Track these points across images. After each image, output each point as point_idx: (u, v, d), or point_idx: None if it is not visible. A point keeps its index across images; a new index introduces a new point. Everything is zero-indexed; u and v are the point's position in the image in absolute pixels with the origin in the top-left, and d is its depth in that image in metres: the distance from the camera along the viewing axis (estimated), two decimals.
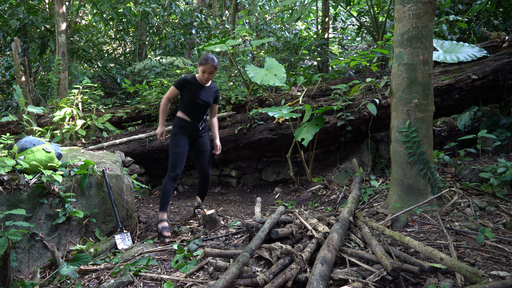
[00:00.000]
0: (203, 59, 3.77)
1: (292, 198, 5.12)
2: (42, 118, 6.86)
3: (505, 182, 3.75)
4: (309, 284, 2.12)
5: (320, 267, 2.26)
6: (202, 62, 3.78)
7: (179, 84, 3.93)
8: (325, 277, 2.20)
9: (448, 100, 5.05)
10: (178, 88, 3.93)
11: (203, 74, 3.82)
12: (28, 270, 3.26)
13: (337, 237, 2.68)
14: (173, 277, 2.81)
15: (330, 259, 2.39)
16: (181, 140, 3.93)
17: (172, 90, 3.94)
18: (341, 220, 3.03)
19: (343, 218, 3.09)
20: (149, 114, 6.82)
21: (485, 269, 2.42)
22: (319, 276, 2.18)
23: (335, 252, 2.53)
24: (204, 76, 3.83)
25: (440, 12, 6.90)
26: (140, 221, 4.38)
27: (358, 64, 7.80)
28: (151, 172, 6.16)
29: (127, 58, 11.14)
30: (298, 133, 4.90)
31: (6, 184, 3.29)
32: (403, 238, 2.69)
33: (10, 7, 9.41)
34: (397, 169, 3.64)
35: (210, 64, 3.76)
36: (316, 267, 2.26)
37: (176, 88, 3.93)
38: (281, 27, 12.38)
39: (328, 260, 2.36)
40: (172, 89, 3.94)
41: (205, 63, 3.76)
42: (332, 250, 2.49)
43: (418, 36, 3.47)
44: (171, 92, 3.94)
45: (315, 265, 2.30)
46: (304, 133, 4.81)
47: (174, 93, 3.95)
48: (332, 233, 2.74)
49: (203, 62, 3.77)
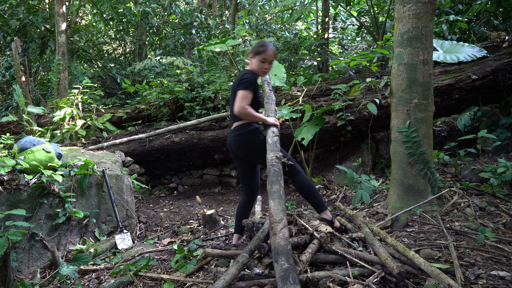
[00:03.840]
0: (260, 46, 2.95)
1: (292, 198, 5.12)
2: (42, 118, 6.86)
3: (505, 182, 3.75)
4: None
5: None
6: (261, 50, 2.93)
7: (254, 85, 2.94)
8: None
9: (448, 100, 5.04)
10: (254, 91, 2.94)
11: (263, 64, 2.95)
12: (28, 270, 3.26)
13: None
14: (173, 277, 2.81)
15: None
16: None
17: (249, 96, 2.88)
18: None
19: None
20: (149, 114, 6.83)
21: (485, 269, 2.42)
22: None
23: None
24: (264, 67, 2.97)
25: (440, 12, 6.90)
26: (140, 221, 4.38)
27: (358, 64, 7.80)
28: (151, 172, 6.16)
29: (127, 58, 11.14)
30: (298, 133, 4.90)
31: (6, 184, 3.29)
32: (407, 252, 2.47)
33: (10, 7, 9.42)
34: (397, 169, 3.64)
35: (271, 51, 2.95)
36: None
37: (252, 92, 2.90)
38: (281, 27, 12.38)
39: None
40: (247, 94, 2.86)
41: (265, 50, 2.93)
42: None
43: (418, 36, 3.47)
44: (249, 98, 2.88)
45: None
46: (304, 133, 4.81)
47: (251, 98, 2.92)
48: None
49: (262, 50, 2.93)
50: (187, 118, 6.60)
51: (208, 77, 7.23)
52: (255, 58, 2.96)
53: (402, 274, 2.25)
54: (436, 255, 2.63)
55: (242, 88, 2.84)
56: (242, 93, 2.83)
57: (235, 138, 2.98)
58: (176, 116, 6.80)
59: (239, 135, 2.97)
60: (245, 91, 2.84)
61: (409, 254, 2.45)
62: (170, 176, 6.43)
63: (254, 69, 2.98)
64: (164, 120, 6.76)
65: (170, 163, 6.08)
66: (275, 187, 2.50)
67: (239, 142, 2.98)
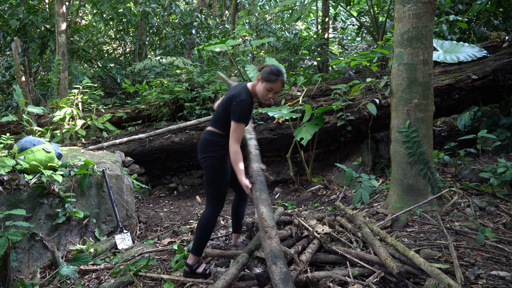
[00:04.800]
0: (273, 74, 2.67)
1: (292, 198, 5.12)
2: (42, 118, 6.86)
3: (505, 182, 3.75)
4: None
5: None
6: (272, 79, 2.67)
7: (249, 116, 2.75)
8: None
9: (448, 100, 5.04)
10: (247, 121, 2.75)
11: (268, 93, 2.71)
12: (28, 270, 3.26)
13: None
14: (173, 277, 2.81)
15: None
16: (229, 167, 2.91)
17: (243, 128, 2.69)
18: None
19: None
20: (149, 114, 6.82)
21: (485, 269, 2.42)
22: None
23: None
24: (268, 96, 2.73)
25: (440, 12, 6.90)
26: (140, 221, 4.38)
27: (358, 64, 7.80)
28: (151, 172, 6.16)
29: (127, 58, 11.14)
30: (298, 132, 4.90)
31: (6, 184, 3.29)
32: (407, 252, 2.47)
33: (10, 7, 9.42)
34: (397, 169, 3.64)
35: (281, 83, 2.70)
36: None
37: (246, 123, 2.71)
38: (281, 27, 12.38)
39: None
40: (242, 127, 2.67)
41: (275, 80, 2.67)
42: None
43: (418, 36, 3.47)
44: (243, 129, 2.70)
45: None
46: (304, 133, 4.81)
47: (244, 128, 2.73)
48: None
49: (273, 80, 2.67)
50: (187, 118, 6.60)
51: (208, 77, 7.23)
52: (263, 83, 2.70)
53: (402, 274, 2.25)
54: (436, 255, 2.63)
55: (235, 120, 2.64)
56: (235, 126, 2.64)
57: (202, 140, 2.85)
58: (176, 116, 6.80)
59: (207, 140, 2.82)
60: (238, 124, 2.64)
61: (409, 254, 2.45)
62: (170, 176, 6.43)
63: (257, 93, 2.75)
64: (164, 120, 6.76)
65: (170, 163, 6.08)
66: (264, 195, 2.53)
67: (202, 146, 2.83)
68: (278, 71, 2.69)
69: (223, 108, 2.77)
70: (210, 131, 2.83)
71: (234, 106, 2.66)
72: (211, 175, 2.79)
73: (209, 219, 2.79)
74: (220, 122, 2.79)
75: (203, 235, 2.77)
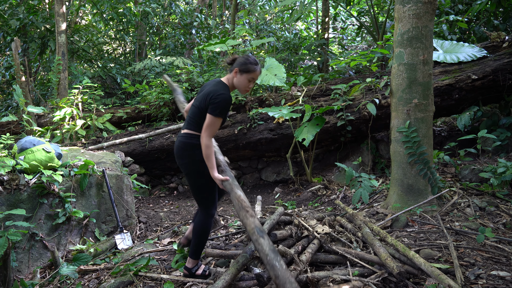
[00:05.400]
0: (251, 63, 2.68)
1: (292, 198, 5.12)
2: (42, 118, 6.86)
3: (505, 182, 3.75)
4: None
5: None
6: (251, 68, 2.66)
7: (227, 111, 2.64)
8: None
9: (448, 100, 5.04)
10: (225, 116, 2.66)
11: (249, 84, 2.71)
12: (28, 270, 3.25)
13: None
14: (173, 277, 2.81)
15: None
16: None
17: (219, 123, 2.61)
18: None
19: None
20: (149, 114, 6.82)
21: (485, 269, 2.42)
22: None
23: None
24: (249, 86, 2.72)
25: (440, 12, 6.90)
26: (140, 221, 4.38)
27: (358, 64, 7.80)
28: (151, 172, 6.16)
29: (127, 58, 11.14)
30: (299, 133, 4.90)
31: (6, 184, 3.29)
32: (407, 252, 2.47)
33: (10, 7, 9.41)
34: (397, 169, 3.64)
35: (260, 70, 2.74)
36: None
37: (223, 118, 2.63)
38: (281, 27, 12.37)
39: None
40: (218, 122, 2.59)
41: (255, 70, 2.68)
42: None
43: (418, 36, 3.47)
44: (219, 125, 2.62)
45: None
46: (305, 133, 4.81)
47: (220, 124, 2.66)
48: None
49: (253, 69, 2.67)
50: None
51: (208, 77, 7.23)
52: (242, 75, 2.66)
53: (402, 274, 2.25)
54: (436, 255, 2.63)
55: (214, 114, 2.55)
56: (213, 120, 2.55)
57: (179, 144, 2.71)
58: (176, 116, 6.80)
59: (185, 143, 2.70)
60: (217, 118, 2.55)
61: (409, 254, 2.45)
62: (170, 176, 6.43)
63: (237, 86, 2.70)
64: (164, 120, 6.75)
65: (170, 163, 6.08)
66: (235, 182, 2.64)
67: (181, 150, 2.71)
68: (254, 59, 2.69)
69: (199, 108, 2.66)
70: (187, 134, 2.68)
71: (214, 101, 2.56)
72: (196, 179, 2.68)
73: (204, 223, 2.74)
74: (197, 123, 2.66)
75: (200, 240, 2.74)
